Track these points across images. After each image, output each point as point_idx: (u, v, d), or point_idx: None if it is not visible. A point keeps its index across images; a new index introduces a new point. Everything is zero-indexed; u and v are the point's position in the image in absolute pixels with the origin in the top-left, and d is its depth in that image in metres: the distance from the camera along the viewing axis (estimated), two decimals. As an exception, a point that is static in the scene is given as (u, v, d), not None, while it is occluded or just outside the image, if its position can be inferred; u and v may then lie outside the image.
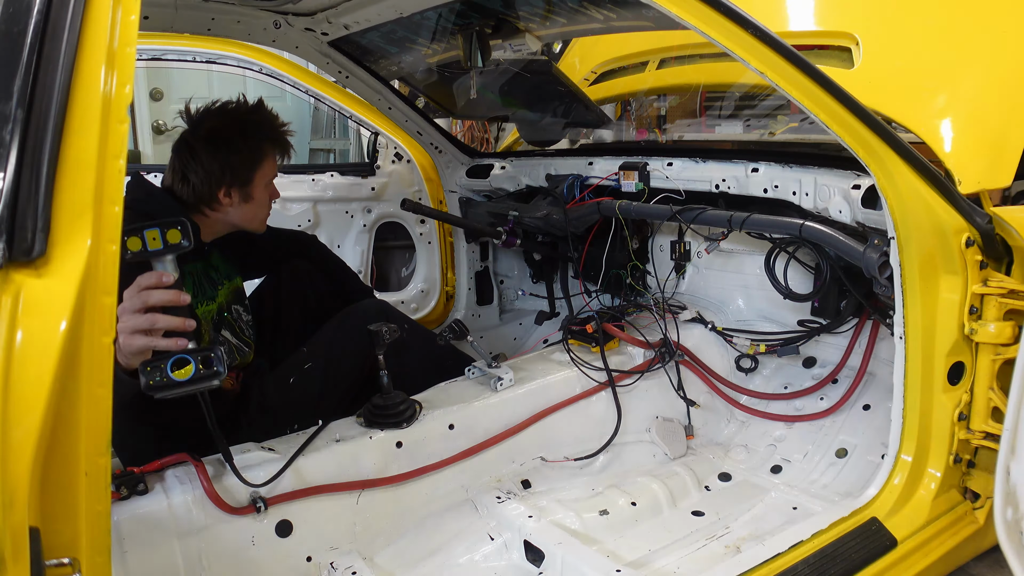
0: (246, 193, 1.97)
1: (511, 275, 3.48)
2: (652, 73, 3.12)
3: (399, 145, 3.29)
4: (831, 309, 2.25)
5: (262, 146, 1.97)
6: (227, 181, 1.93)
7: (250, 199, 1.98)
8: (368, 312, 2.16)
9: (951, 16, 2.16)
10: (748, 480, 2.11)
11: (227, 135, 1.92)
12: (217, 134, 1.92)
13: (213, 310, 2.04)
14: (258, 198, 2.00)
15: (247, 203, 1.99)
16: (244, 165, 1.94)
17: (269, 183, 2.03)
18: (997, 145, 1.89)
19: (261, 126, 1.99)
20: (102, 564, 0.96)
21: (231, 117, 1.96)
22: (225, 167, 1.92)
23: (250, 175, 1.96)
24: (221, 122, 1.94)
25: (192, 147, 1.92)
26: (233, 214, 1.98)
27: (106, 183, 0.91)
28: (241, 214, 2.00)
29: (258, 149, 1.96)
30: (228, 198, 1.95)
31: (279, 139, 2.02)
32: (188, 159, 1.92)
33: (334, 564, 1.70)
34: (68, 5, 0.88)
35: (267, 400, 2.04)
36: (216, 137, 1.91)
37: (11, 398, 0.81)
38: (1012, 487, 1.64)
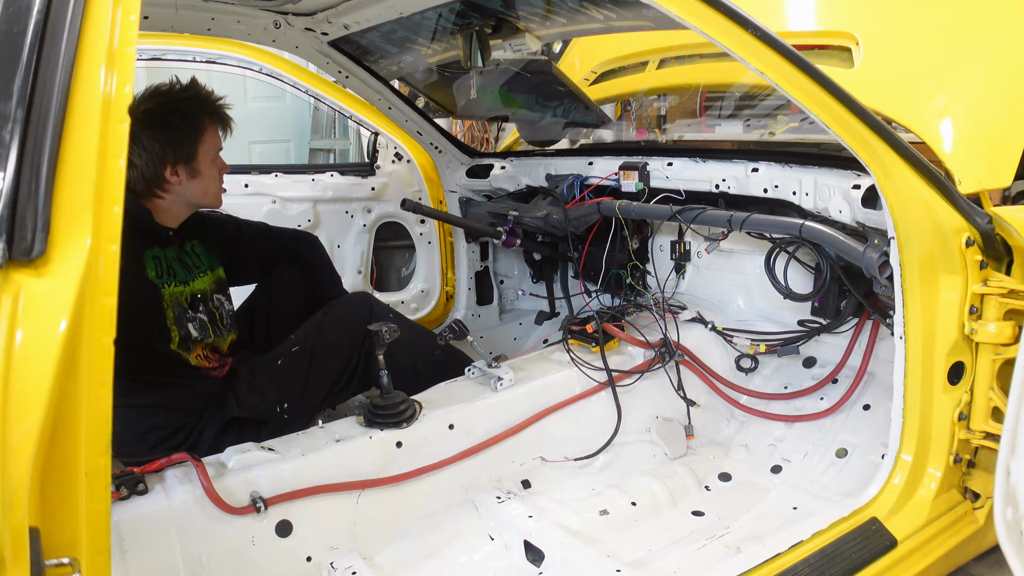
0: (192, 169, 1.99)
1: (511, 275, 3.48)
2: (652, 73, 3.12)
3: (399, 145, 3.29)
4: (831, 309, 2.25)
5: (200, 120, 2.00)
6: (171, 159, 1.95)
7: (198, 174, 2.01)
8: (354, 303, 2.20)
9: (951, 16, 2.16)
10: (748, 480, 2.11)
11: (163, 114, 1.95)
12: (152, 115, 1.94)
13: (185, 292, 2.06)
14: (206, 172, 2.03)
15: (196, 178, 2.01)
16: (185, 140, 1.97)
17: (215, 157, 2.06)
18: (997, 145, 1.89)
19: (196, 101, 2.01)
20: (102, 564, 0.96)
21: (164, 97, 1.99)
22: (166, 145, 1.94)
23: (193, 149, 1.98)
24: (155, 103, 1.97)
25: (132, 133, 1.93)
26: (184, 191, 2.00)
27: (106, 183, 0.91)
28: (192, 190, 2.02)
29: (196, 123, 1.99)
30: (176, 176, 1.97)
31: (216, 111, 2.04)
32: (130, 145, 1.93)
33: (334, 564, 1.70)
34: (68, 5, 0.87)
35: (255, 380, 2.09)
36: (152, 118, 1.93)
37: (11, 398, 0.81)
38: (1012, 487, 1.64)
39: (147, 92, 1.98)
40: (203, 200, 2.07)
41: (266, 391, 2.08)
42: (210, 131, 2.02)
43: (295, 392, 2.08)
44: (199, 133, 1.99)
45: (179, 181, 1.98)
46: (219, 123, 2.05)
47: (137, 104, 1.95)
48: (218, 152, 2.07)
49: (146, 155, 1.93)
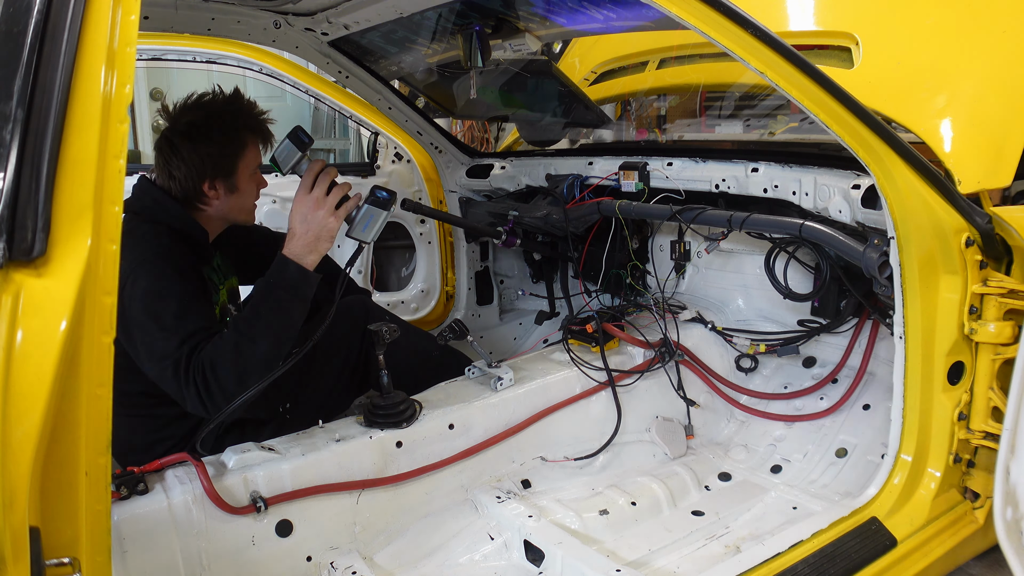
0: (231, 184, 1.96)
1: (511, 275, 3.48)
2: (652, 73, 3.12)
3: (399, 145, 3.29)
4: (831, 309, 2.25)
5: (241, 135, 1.96)
6: (210, 173, 1.92)
7: (236, 190, 1.98)
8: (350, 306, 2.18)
9: (951, 16, 2.15)
10: (748, 480, 2.11)
11: (205, 127, 1.92)
12: (194, 127, 1.91)
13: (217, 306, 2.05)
14: (244, 188, 2.00)
15: (233, 194, 1.98)
16: (225, 155, 1.94)
17: (254, 172, 2.03)
18: (997, 145, 1.89)
19: (239, 115, 1.98)
20: (102, 564, 0.96)
21: (208, 109, 1.95)
22: (206, 159, 1.91)
23: (233, 165, 1.95)
24: (198, 115, 1.94)
25: (172, 142, 1.92)
26: (221, 207, 1.98)
27: (106, 183, 0.91)
28: (229, 206, 1.99)
29: (237, 138, 1.96)
30: (213, 191, 1.95)
31: (258, 127, 2.01)
32: (170, 155, 1.92)
33: (334, 564, 1.70)
34: (68, 5, 0.88)
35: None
36: (194, 130, 1.91)
37: (11, 398, 0.81)
38: (1012, 487, 1.64)
39: (189, 102, 1.95)
40: (238, 216, 2.04)
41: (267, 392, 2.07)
42: (251, 146, 1.98)
43: (296, 392, 2.07)
44: (240, 149, 1.95)
45: (216, 196, 1.95)
46: (260, 138, 2.01)
47: (179, 115, 1.94)
48: (257, 168, 2.03)
49: (185, 168, 1.90)
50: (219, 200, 1.96)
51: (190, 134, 1.90)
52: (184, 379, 1.69)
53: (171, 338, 1.71)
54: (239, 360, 1.69)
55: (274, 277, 1.77)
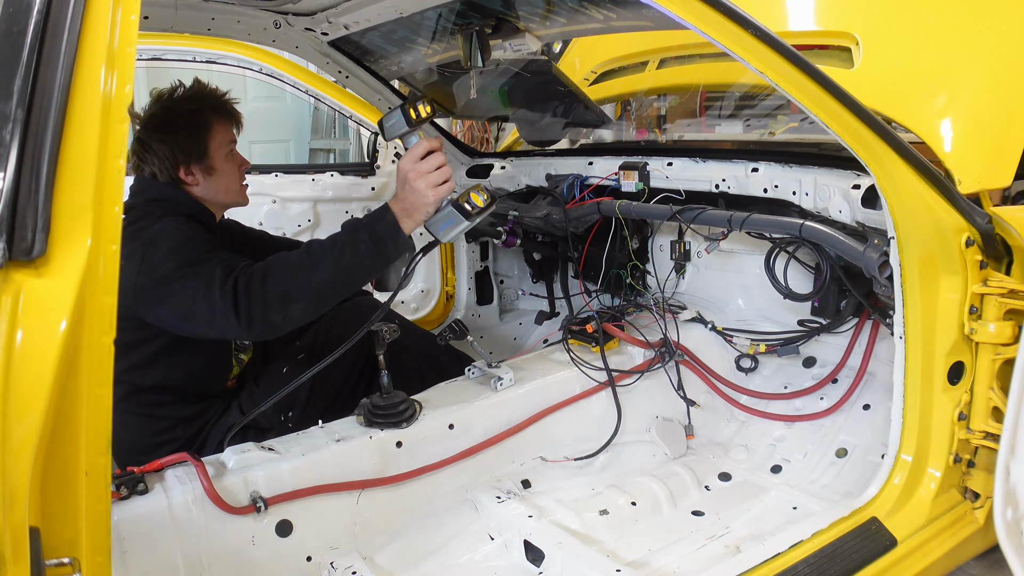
0: (206, 166, 1.97)
1: (511, 275, 3.48)
2: (652, 73, 3.12)
3: (399, 145, 3.29)
4: (831, 309, 2.25)
5: (204, 116, 1.98)
6: (182, 159, 1.94)
7: (213, 171, 1.99)
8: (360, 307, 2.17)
9: (951, 16, 2.15)
10: (748, 480, 2.11)
11: (166, 117, 1.94)
12: (156, 119, 1.94)
13: None
14: (221, 168, 2.00)
15: (212, 176, 1.99)
16: (192, 138, 1.95)
17: (231, 152, 2.03)
18: (997, 145, 1.89)
19: (197, 98, 2.00)
20: (102, 564, 0.96)
21: (166, 101, 1.98)
22: (173, 146, 1.93)
23: (203, 147, 1.96)
24: (158, 108, 1.97)
25: (141, 140, 1.95)
26: (203, 191, 1.99)
27: (106, 183, 0.91)
28: (212, 188, 2.00)
29: (200, 120, 1.97)
30: (191, 175, 1.96)
31: (220, 106, 2.02)
32: (142, 153, 1.95)
33: (334, 564, 1.70)
34: (68, 5, 0.88)
35: (259, 389, 2.07)
36: (156, 122, 1.93)
37: (11, 398, 0.81)
38: (1012, 487, 1.64)
39: (151, 100, 1.98)
40: (227, 198, 2.05)
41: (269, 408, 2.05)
42: (218, 126, 1.99)
43: (301, 400, 2.06)
44: (206, 130, 1.97)
45: (195, 181, 1.96)
46: (226, 118, 2.02)
47: (146, 112, 1.97)
48: (232, 147, 2.03)
49: (158, 160, 1.92)
50: (199, 185, 1.97)
51: (155, 126, 1.93)
52: (222, 286, 1.61)
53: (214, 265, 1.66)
54: (294, 278, 1.62)
55: (368, 219, 1.70)
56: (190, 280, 1.67)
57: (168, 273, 1.70)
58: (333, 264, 1.64)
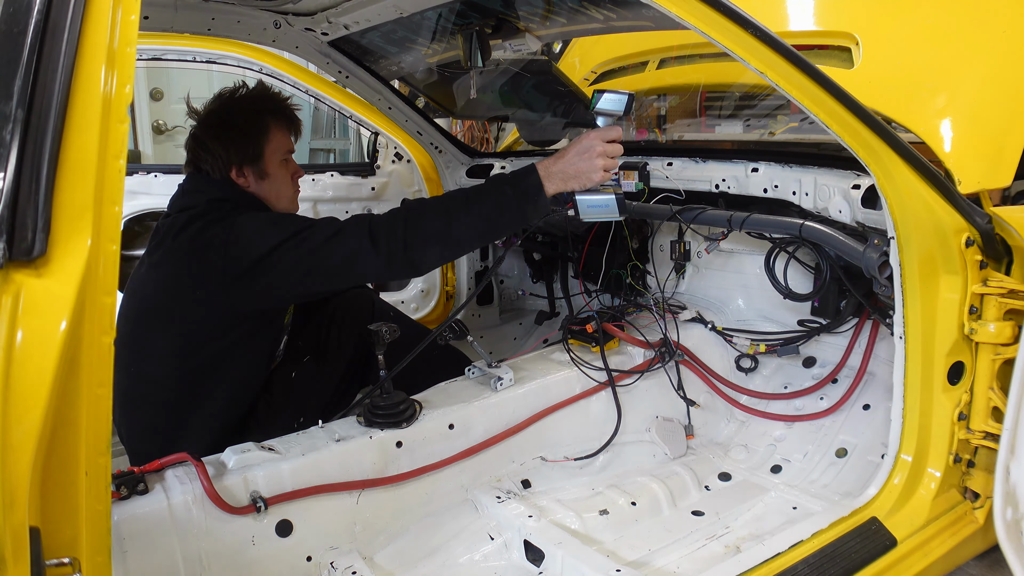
0: (260, 170, 1.96)
1: (511, 275, 3.48)
2: (652, 73, 3.11)
3: (399, 145, 3.29)
4: (831, 309, 2.25)
5: (263, 118, 1.96)
6: (236, 160, 1.93)
7: (266, 175, 1.97)
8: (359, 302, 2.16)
9: (951, 16, 2.15)
10: (748, 480, 2.11)
11: (225, 115, 1.94)
12: (214, 116, 1.93)
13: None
14: (274, 173, 1.99)
15: (264, 180, 1.97)
16: (248, 140, 1.94)
17: (285, 158, 2.01)
18: (997, 145, 1.89)
19: (258, 100, 1.99)
20: (102, 564, 0.96)
21: (227, 100, 1.98)
22: (229, 146, 1.92)
23: (258, 150, 1.95)
24: (217, 105, 1.96)
25: (197, 137, 1.95)
26: (255, 194, 1.97)
27: (106, 183, 0.91)
28: (263, 192, 1.98)
29: (259, 122, 1.95)
30: (243, 178, 1.94)
31: (281, 110, 2.00)
32: (196, 150, 1.94)
33: (334, 564, 1.70)
34: (68, 5, 0.88)
35: (273, 399, 2.05)
36: (215, 120, 1.93)
37: (11, 398, 0.81)
38: (1012, 487, 1.64)
39: (213, 97, 1.98)
40: (277, 203, 2.01)
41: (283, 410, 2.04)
42: (275, 130, 1.98)
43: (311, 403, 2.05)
44: (263, 132, 1.95)
45: (247, 183, 1.95)
46: (285, 123, 2.01)
47: (205, 109, 1.97)
48: (288, 153, 2.01)
49: (211, 158, 1.91)
50: (250, 187, 1.96)
51: (211, 124, 1.92)
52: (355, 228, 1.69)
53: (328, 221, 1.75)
54: (435, 221, 1.68)
55: (514, 175, 1.74)
56: (305, 241, 1.70)
57: (273, 243, 1.71)
58: (475, 213, 1.69)
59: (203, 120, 1.94)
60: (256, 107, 1.96)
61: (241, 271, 1.74)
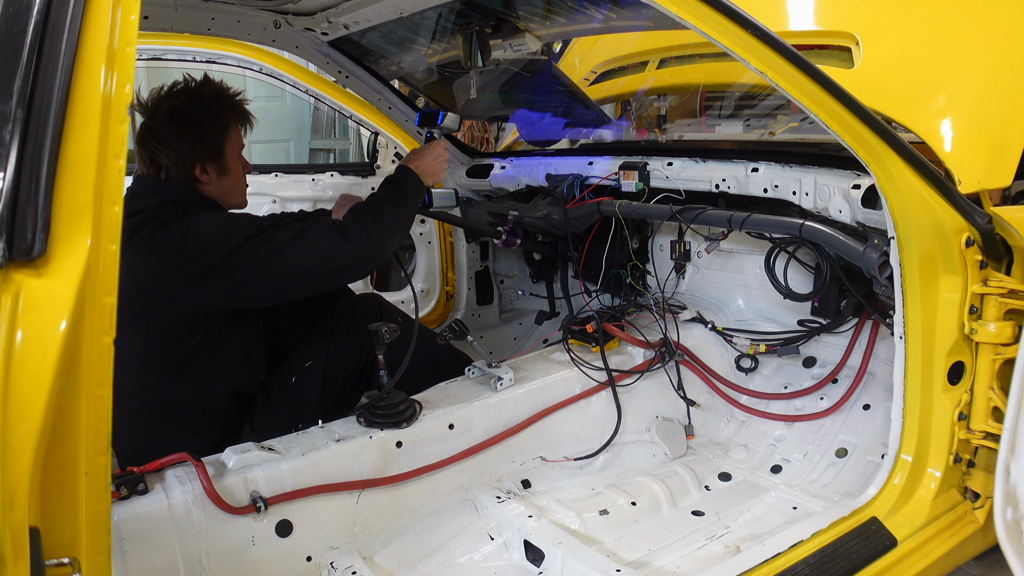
0: (221, 166, 1.96)
1: (511, 275, 3.48)
2: (652, 73, 3.12)
3: (399, 145, 3.29)
4: (831, 309, 2.25)
5: (224, 116, 1.96)
6: (200, 157, 1.91)
7: (227, 171, 1.97)
8: (365, 307, 2.16)
9: (951, 16, 2.15)
10: (748, 480, 2.11)
11: (188, 110, 1.90)
12: (177, 112, 1.89)
13: None
14: (233, 169, 1.99)
15: (225, 176, 1.97)
16: (212, 137, 1.93)
17: (239, 154, 2.02)
18: (997, 145, 1.89)
19: (218, 96, 1.98)
20: (102, 564, 0.96)
21: (186, 94, 1.94)
22: (194, 142, 1.89)
23: (220, 146, 1.94)
24: (179, 100, 1.92)
25: (155, 131, 1.90)
26: (214, 190, 1.96)
27: (106, 183, 0.91)
28: (222, 189, 1.98)
29: (222, 119, 1.95)
30: (205, 174, 1.93)
31: (237, 107, 2.01)
32: (155, 145, 1.89)
33: (334, 564, 1.70)
34: (68, 5, 0.87)
35: (270, 401, 2.03)
36: (178, 115, 1.89)
37: (11, 398, 0.81)
38: (1012, 487, 1.64)
39: (165, 91, 1.94)
40: (233, 199, 2.03)
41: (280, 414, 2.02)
42: (234, 126, 1.98)
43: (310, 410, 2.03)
44: (225, 129, 1.95)
45: (209, 180, 1.94)
46: (241, 119, 2.01)
47: (158, 103, 1.92)
48: (240, 149, 2.02)
49: (174, 154, 1.88)
50: (212, 184, 1.95)
51: (175, 119, 1.88)
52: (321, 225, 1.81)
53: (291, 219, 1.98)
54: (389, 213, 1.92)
55: (402, 174, 2.07)
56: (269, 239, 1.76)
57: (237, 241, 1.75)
58: (396, 204, 1.97)
59: (163, 116, 1.89)
60: (217, 103, 1.96)
61: (201, 270, 1.72)
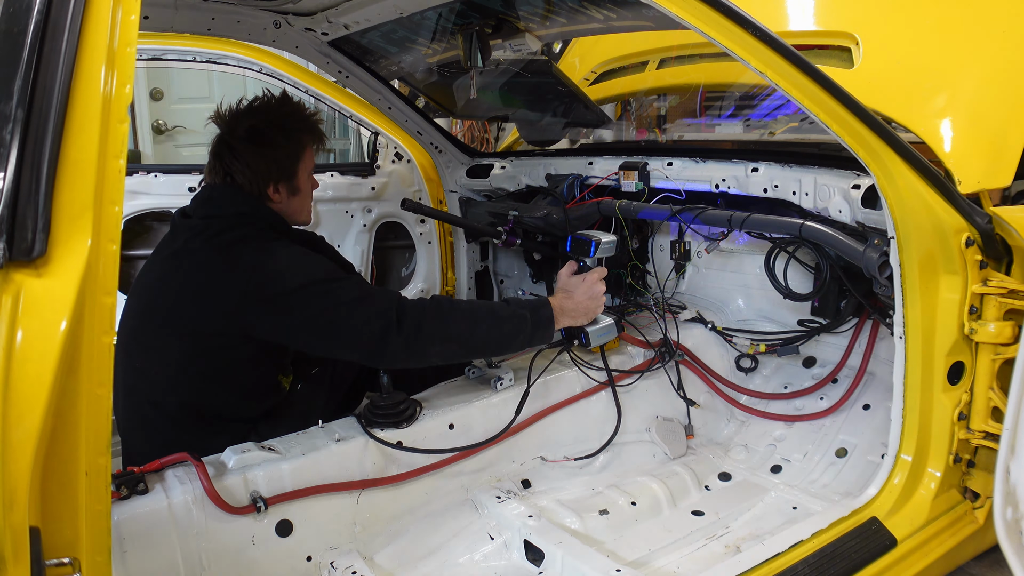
0: (293, 186, 1.99)
1: (511, 275, 3.48)
2: (652, 73, 3.11)
3: (399, 145, 3.29)
4: (831, 309, 2.25)
5: (301, 137, 2.00)
6: (274, 176, 1.95)
7: (297, 191, 2.01)
8: None
9: (951, 16, 2.15)
10: (748, 480, 2.11)
11: (267, 131, 1.94)
12: (257, 132, 1.93)
13: None
14: (304, 189, 2.04)
15: (295, 196, 2.01)
16: (288, 158, 1.97)
17: (310, 174, 2.06)
18: (997, 145, 1.89)
19: (296, 118, 2.01)
20: (102, 564, 0.96)
21: (267, 114, 1.98)
22: (271, 163, 1.94)
23: (294, 167, 1.98)
24: (258, 120, 1.96)
25: (233, 148, 1.94)
26: (283, 209, 2.00)
27: (106, 183, 0.91)
28: (291, 208, 2.02)
29: (298, 141, 1.99)
30: (277, 193, 1.97)
31: (314, 128, 2.05)
32: (231, 160, 1.94)
33: (334, 564, 1.70)
34: (68, 5, 0.88)
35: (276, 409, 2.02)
36: (256, 135, 1.93)
37: (11, 398, 0.81)
38: (1012, 487, 1.64)
39: (245, 108, 1.98)
40: (299, 218, 2.06)
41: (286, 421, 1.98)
42: (308, 148, 2.02)
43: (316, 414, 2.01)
44: (300, 150, 1.99)
45: (280, 199, 1.97)
46: (316, 140, 2.05)
47: (237, 120, 1.96)
48: (312, 170, 2.06)
49: (250, 172, 1.92)
50: (282, 203, 1.99)
51: (253, 139, 1.92)
52: (398, 326, 1.74)
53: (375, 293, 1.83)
54: (460, 323, 1.82)
55: (532, 305, 1.95)
56: (333, 292, 1.76)
57: (302, 281, 1.76)
58: (496, 326, 1.88)
59: (244, 134, 1.93)
60: (295, 125, 2.00)
61: (263, 298, 1.76)
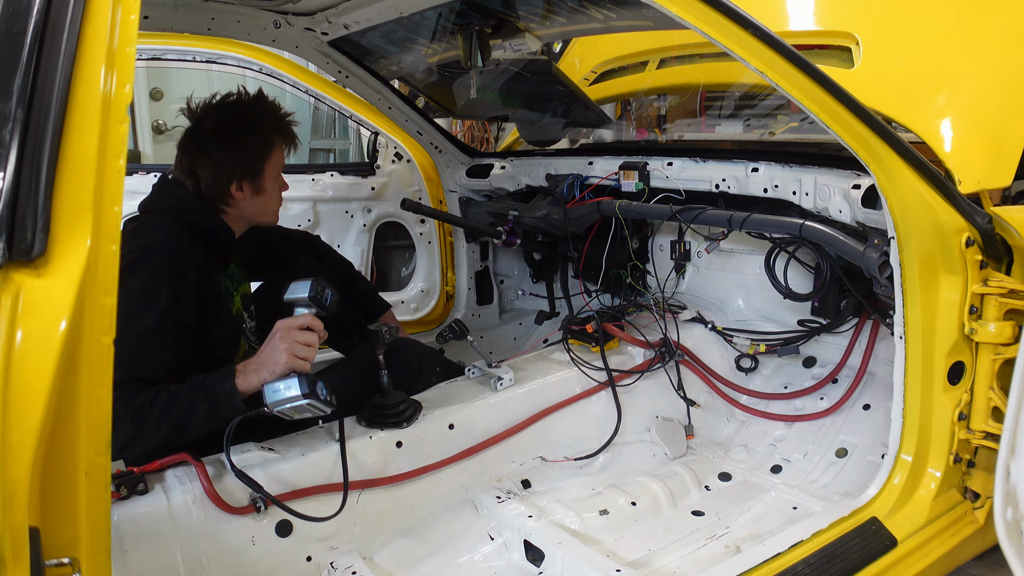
0: (257, 185, 1.96)
1: (511, 275, 3.48)
2: (652, 73, 3.12)
3: (399, 145, 3.29)
4: (831, 309, 2.25)
5: (270, 137, 1.97)
6: (238, 174, 1.92)
7: (262, 191, 1.98)
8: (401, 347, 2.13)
9: (951, 16, 2.15)
10: (748, 480, 2.11)
11: (236, 127, 1.92)
12: (225, 127, 1.91)
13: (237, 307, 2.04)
14: (269, 189, 2.00)
15: (259, 195, 1.98)
16: (254, 156, 1.94)
17: (278, 174, 2.03)
18: (997, 145, 1.89)
19: (267, 116, 1.98)
20: (102, 564, 0.96)
21: (236, 110, 1.95)
22: (236, 160, 1.91)
23: (260, 166, 1.95)
24: (227, 116, 1.94)
25: (199, 142, 1.92)
26: (245, 208, 1.98)
27: (106, 183, 0.91)
28: (254, 208, 1.99)
29: (266, 140, 1.96)
30: (240, 192, 1.94)
31: (285, 129, 2.02)
32: (196, 155, 1.92)
33: (334, 564, 1.70)
34: (68, 5, 0.87)
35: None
36: (224, 130, 1.91)
37: (11, 398, 0.81)
38: (1012, 487, 1.64)
39: (215, 102, 1.95)
40: (262, 217, 2.04)
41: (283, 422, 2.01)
42: (277, 148, 1.99)
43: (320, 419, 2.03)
44: (268, 150, 1.96)
45: (243, 197, 1.95)
46: (286, 140, 2.02)
47: (206, 114, 1.93)
48: (281, 170, 2.03)
49: (214, 167, 1.90)
50: (245, 201, 1.96)
51: (220, 134, 1.90)
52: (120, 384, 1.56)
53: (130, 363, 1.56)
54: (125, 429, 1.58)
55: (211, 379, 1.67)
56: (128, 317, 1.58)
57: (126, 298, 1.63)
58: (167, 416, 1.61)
59: (211, 129, 1.91)
60: (265, 123, 1.97)
61: None
